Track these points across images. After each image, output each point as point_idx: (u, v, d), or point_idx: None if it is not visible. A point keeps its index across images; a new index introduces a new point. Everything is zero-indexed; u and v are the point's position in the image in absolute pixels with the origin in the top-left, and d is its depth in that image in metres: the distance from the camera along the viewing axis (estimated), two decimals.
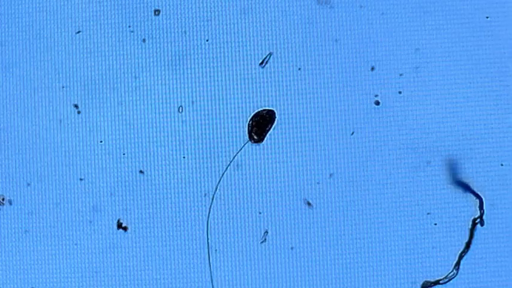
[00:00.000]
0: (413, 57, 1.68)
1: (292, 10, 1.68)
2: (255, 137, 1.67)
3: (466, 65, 1.68)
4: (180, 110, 1.67)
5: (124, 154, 1.65)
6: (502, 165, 1.66)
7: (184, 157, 1.64)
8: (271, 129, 1.66)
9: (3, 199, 1.65)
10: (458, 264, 1.63)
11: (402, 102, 1.67)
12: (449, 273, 1.63)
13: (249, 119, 1.66)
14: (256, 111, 1.66)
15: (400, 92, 1.67)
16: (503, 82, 1.68)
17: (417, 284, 1.64)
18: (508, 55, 1.68)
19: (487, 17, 1.68)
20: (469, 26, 1.69)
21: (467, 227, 1.64)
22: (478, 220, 1.64)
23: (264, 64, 1.67)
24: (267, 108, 1.66)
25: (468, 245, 1.63)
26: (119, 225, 1.64)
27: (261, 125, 1.66)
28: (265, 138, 1.66)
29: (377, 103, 1.67)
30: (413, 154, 1.66)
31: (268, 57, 1.67)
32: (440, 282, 1.64)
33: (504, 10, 1.69)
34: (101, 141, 1.66)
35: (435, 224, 1.64)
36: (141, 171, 1.66)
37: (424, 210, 1.65)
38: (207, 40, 1.67)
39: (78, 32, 1.68)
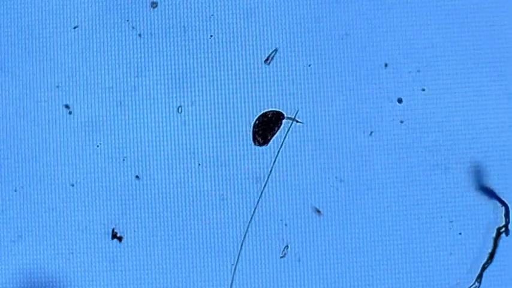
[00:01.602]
0: (430, 53, 1.63)
1: (298, 3, 1.65)
2: (260, 140, 1.63)
3: (495, 63, 1.64)
4: (180, 111, 1.64)
5: (124, 160, 1.63)
6: None
7: (199, 164, 1.61)
8: (277, 132, 1.63)
9: None
10: (480, 276, 1.59)
11: (421, 101, 1.62)
12: (471, 285, 1.59)
13: (253, 121, 1.63)
14: (261, 112, 1.63)
15: (423, 90, 1.63)
16: None
17: None
18: None
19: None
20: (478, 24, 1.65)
21: (491, 237, 1.60)
22: (503, 229, 1.60)
23: (269, 61, 1.64)
24: (273, 109, 1.63)
25: (492, 256, 1.59)
26: (114, 235, 1.62)
27: (266, 127, 1.62)
28: (270, 141, 1.63)
29: (400, 101, 1.63)
30: (433, 157, 1.61)
31: (273, 53, 1.64)
32: None
33: None
34: (98, 146, 1.63)
35: (460, 234, 1.59)
36: (137, 177, 1.63)
37: (446, 218, 1.60)
38: (211, 36, 1.64)
39: (75, 27, 1.66)
